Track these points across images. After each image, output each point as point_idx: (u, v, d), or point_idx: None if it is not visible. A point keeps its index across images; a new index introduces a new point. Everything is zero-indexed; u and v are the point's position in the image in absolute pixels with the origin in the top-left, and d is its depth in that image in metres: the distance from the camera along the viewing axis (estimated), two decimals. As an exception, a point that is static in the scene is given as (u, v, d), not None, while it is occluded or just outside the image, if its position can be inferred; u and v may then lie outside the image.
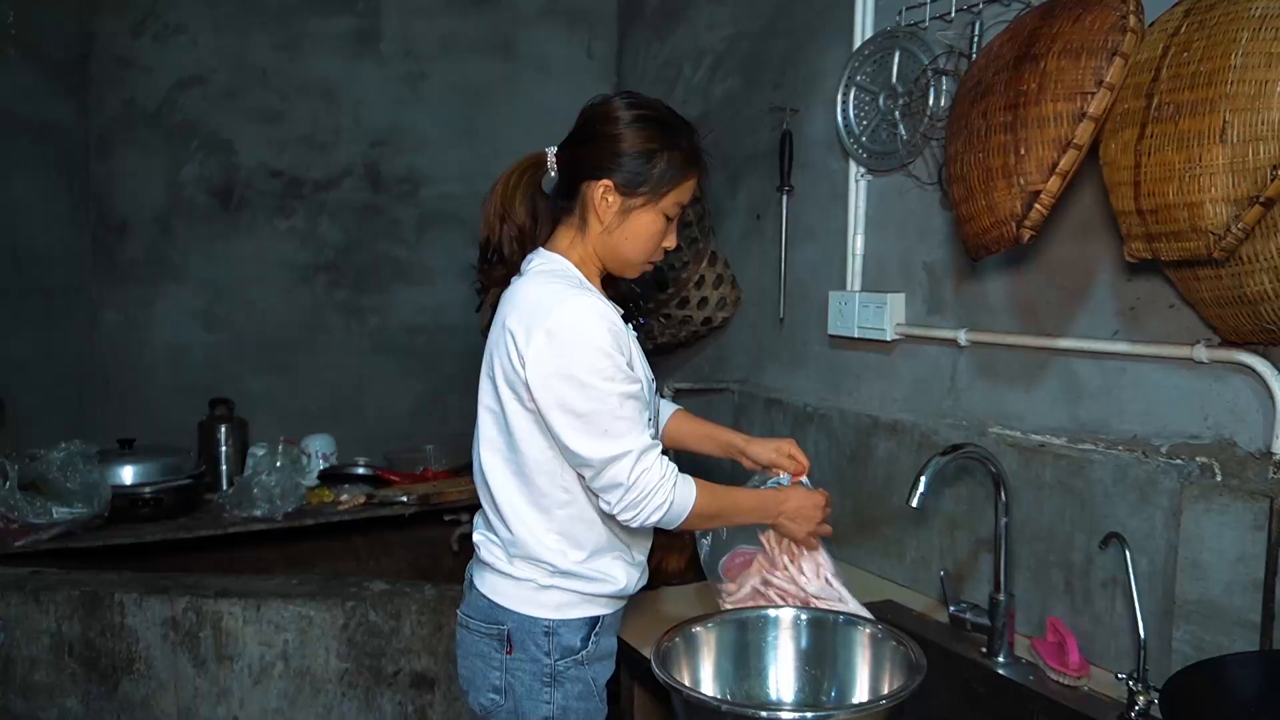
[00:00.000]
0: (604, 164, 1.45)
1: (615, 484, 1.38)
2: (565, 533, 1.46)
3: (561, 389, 1.36)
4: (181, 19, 3.01)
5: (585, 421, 1.36)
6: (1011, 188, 1.47)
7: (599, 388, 1.36)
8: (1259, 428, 1.42)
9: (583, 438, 1.37)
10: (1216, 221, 1.26)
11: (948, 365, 1.95)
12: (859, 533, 2.12)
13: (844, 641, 1.56)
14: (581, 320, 1.37)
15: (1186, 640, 1.44)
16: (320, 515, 2.65)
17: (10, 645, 2.06)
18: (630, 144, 1.44)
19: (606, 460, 1.37)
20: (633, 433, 1.38)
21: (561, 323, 1.36)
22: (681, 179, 1.47)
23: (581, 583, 1.46)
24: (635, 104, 1.48)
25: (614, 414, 1.37)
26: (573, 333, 1.36)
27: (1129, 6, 1.38)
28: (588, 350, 1.36)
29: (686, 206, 1.53)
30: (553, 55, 3.31)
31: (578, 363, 1.35)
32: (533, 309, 1.39)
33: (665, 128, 1.46)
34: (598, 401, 1.36)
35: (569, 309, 1.37)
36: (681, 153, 1.46)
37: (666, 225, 1.50)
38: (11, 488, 2.31)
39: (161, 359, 3.08)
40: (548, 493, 1.44)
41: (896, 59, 1.99)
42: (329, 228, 3.20)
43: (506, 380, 1.42)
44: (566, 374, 1.35)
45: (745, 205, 2.57)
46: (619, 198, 1.45)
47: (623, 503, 1.39)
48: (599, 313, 1.39)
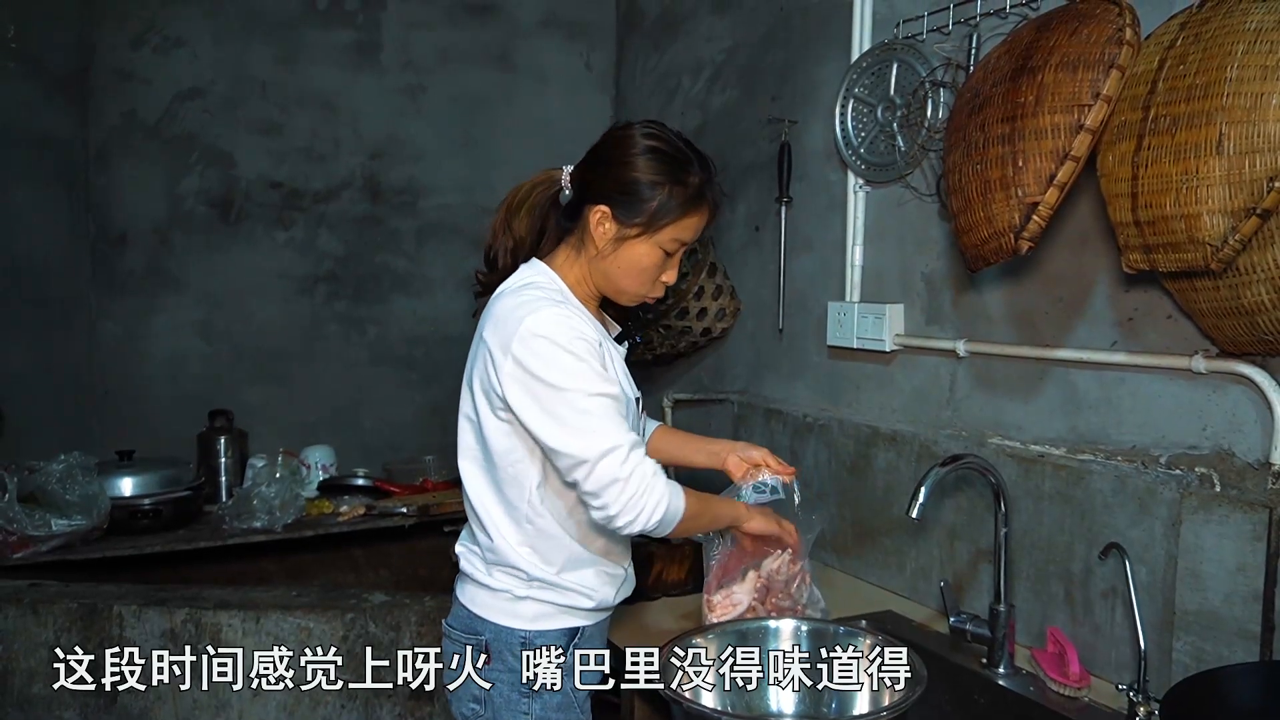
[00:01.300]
0: (604, 189, 1.46)
1: (612, 479, 1.36)
2: (534, 546, 1.47)
3: (539, 394, 1.37)
4: (181, 31, 3.02)
5: (566, 423, 1.36)
6: (1009, 199, 1.47)
7: (574, 389, 1.36)
8: (1257, 438, 1.42)
9: (569, 437, 1.36)
10: (1214, 233, 1.27)
11: (947, 376, 1.95)
12: (859, 543, 2.12)
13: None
14: (551, 329, 1.38)
15: (1186, 651, 1.44)
16: (320, 526, 2.64)
17: (8, 658, 2.06)
18: (632, 173, 1.44)
19: (599, 454, 1.35)
20: (619, 430, 1.38)
21: (532, 331, 1.37)
22: (681, 216, 1.45)
23: (557, 593, 1.47)
24: (652, 134, 1.47)
25: (592, 413, 1.37)
26: (542, 341, 1.37)
27: (1125, 20, 1.39)
28: (557, 354, 1.37)
29: (690, 243, 1.52)
30: (551, 67, 3.32)
31: (550, 368, 1.36)
32: (506, 320, 1.41)
33: (673, 162, 1.45)
34: (575, 403, 1.36)
35: (539, 318, 1.38)
36: (685, 189, 1.45)
37: (664, 259, 1.49)
38: (10, 500, 2.30)
39: (161, 370, 3.08)
40: (517, 505, 1.46)
41: (894, 71, 2.00)
42: (328, 239, 3.20)
43: (482, 389, 1.44)
44: (541, 380, 1.36)
45: (744, 216, 2.58)
46: (615, 225, 1.46)
47: (620, 500, 1.36)
48: (569, 324, 1.39)
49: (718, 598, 1.68)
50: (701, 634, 1.57)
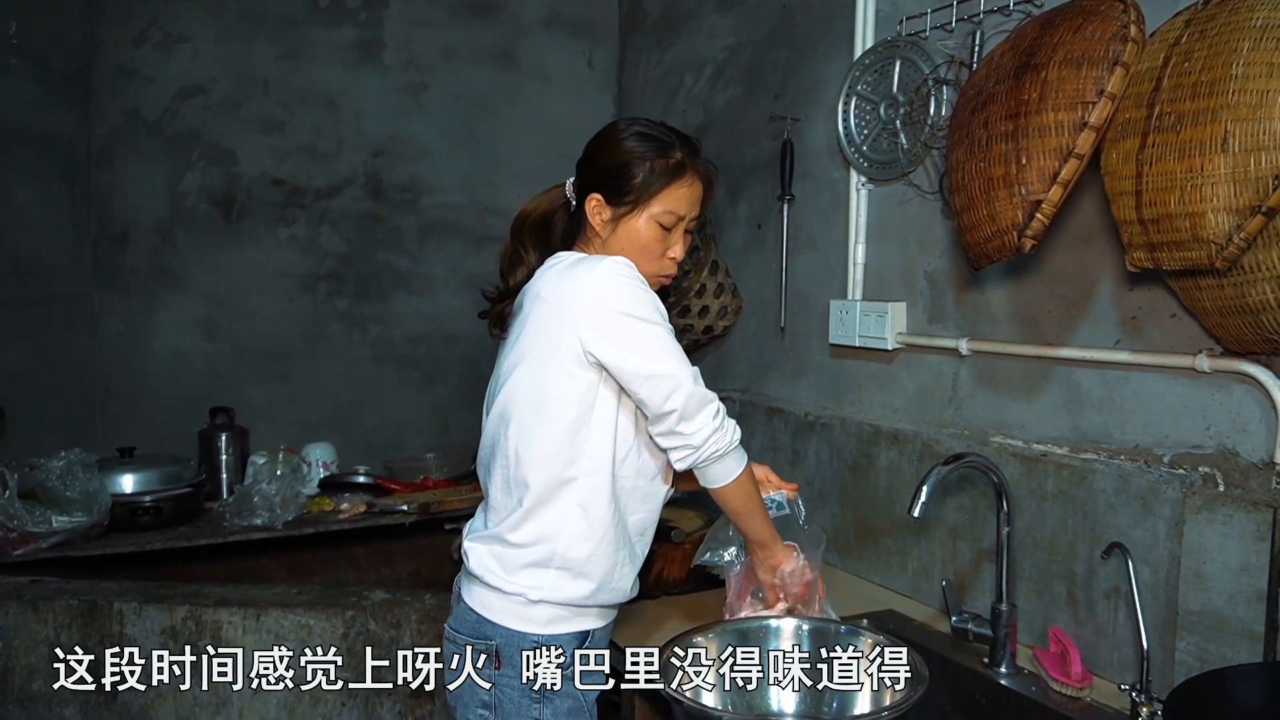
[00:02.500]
0: (594, 179, 1.52)
1: (704, 400, 1.41)
2: (583, 505, 1.44)
3: (625, 324, 1.39)
4: (184, 29, 3.02)
5: (663, 350, 1.40)
6: (1013, 197, 1.47)
7: (658, 322, 1.41)
8: (1261, 437, 1.41)
9: (665, 361, 1.39)
10: (1218, 231, 1.26)
11: (949, 374, 1.94)
12: (861, 542, 2.11)
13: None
14: (623, 269, 1.42)
15: (1190, 651, 1.43)
16: (320, 524, 2.64)
17: (8, 655, 2.06)
18: (617, 157, 1.50)
19: (693, 378, 1.40)
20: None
21: (608, 272, 1.40)
22: (667, 185, 1.49)
23: (571, 588, 1.44)
24: (632, 121, 1.55)
25: (675, 345, 1.42)
26: (621, 280, 1.40)
27: (1130, 16, 1.38)
28: (638, 293, 1.41)
29: (687, 218, 1.54)
30: (554, 65, 3.32)
31: (638, 304, 1.40)
32: (570, 276, 1.44)
33: (652, 140, 1.50)
34: (659, 333, 1.40)
35: (610, 262, 1.42)
36: (668, 160, 1.49)
37: (663, 234, 1.52)
38: (11, 496, 2.30)
39: (162, 368, 3.08)
40: (575, 461, 1.44)
41: (897, 68, 1.99)
42: (330, 237, 3.20)
43: (550, 342, 1.43)
44: (626, 311, 1.39)
45: (746, 214, 2.57)
46: (608, 208, 1.50)
47: (713, 421, 1.41)
48: (634, 268, 1.44)
49: (745, 612, 1.68)
50: (702, 633, 1.57)
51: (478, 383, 1.52)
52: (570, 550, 1.44)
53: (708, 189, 1.56)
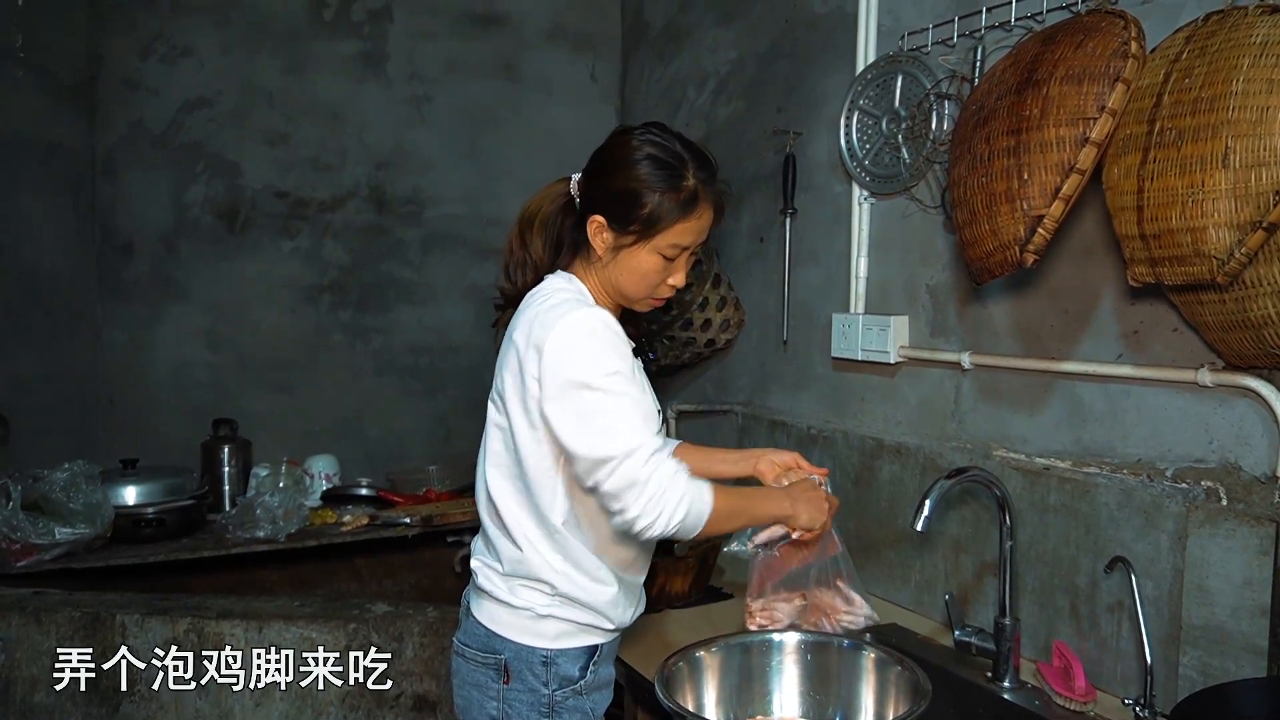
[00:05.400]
0: (600, 199, 1.45)
1: (631, 482, 1.32)
2: (565, 556, 1.44)
3: (570, 393, 1.35)
4: (189, 41, 3.03)
5: (591, 422, 1.34)
6: (1015, 212, 1.47)
7: (606, 389, 1.35)
8: (1264, 451, 1.42)
9: (591, 437, 1.34)
10: (1219, 246, 1.27)
11: (951, 388, 1.95)
12: (863, 556, 2.11)
13: (848, 665, 1.55)
14: (586, 327, 1.37)
15: (1193, 665, 1.43)
16: (323, 536, 2.64)
17: (11, 666, 2.05)
18: (626, 183, 1.42)
19: (621, 456, 1.33)
20: (643, 432, 1.36)
21: (567, 331, 1.36)
22: (677, 221, 1.42)
23: (579, 610, 1.45)
24: (649, 140, 1.45)
25: (621, 413, 1.35)
26: (577, 339, 1.36)
27: (1131, 33, 1.39)
28: (592, 353, 1.36)
29: (693, 246, 1.49)
30: (557, 78, 3.34)
31: (584, 366, 1.35)
32: (540, 322, 1.39)
33: (667, 168, 1.42)
34: (605, 402, 1.34)
35: (574, 318, 1.37)
36: (679, 194, 1.42)
37: (665, 265, 1.46)
38: (14, 508, 2.30)
39: (165, 379, 3.08)
40: (548, 515, 1.43)
41: (899, 83, 2.00)
42: (333, 248, 3.21)
43: (517, 395, 1.42)
44: (572, 378, 1.35)
45: (748, 227, 2.58)
46: (611, 234, 1.45)
47: (639, 502, 1.33)
48: (604, 321, 1.39)
49: (758, 605, 1.67)
50: (704, 647, 1.57)
51: (480, 394, 1.52)
52: (561, 587, 1.44)
53: (718, 215, 1.50)
